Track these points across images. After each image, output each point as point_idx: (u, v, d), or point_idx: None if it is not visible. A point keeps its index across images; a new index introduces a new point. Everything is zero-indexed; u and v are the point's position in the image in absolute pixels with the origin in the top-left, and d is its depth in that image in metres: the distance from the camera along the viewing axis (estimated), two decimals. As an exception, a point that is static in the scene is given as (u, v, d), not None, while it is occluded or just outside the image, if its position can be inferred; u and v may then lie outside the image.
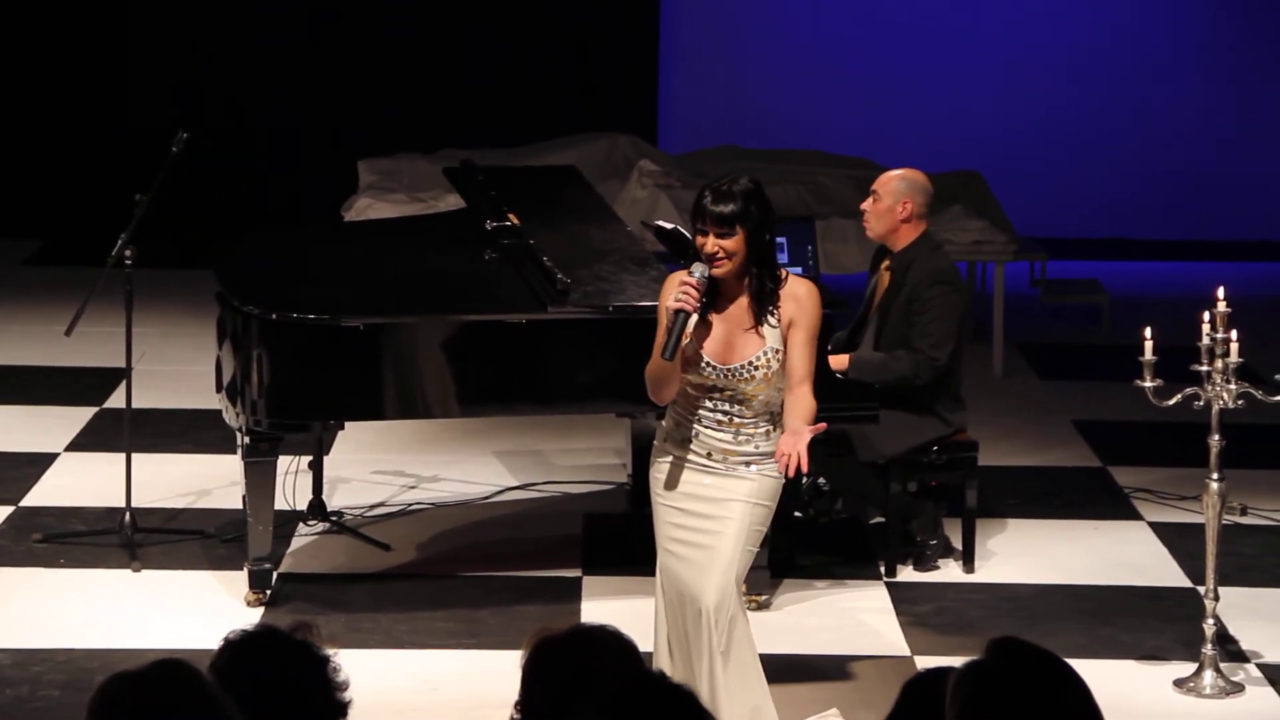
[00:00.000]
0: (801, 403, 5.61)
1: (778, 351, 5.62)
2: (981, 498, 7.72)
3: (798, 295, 5.67)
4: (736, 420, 5.64)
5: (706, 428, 5.66)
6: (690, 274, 5.59)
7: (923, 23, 13.25)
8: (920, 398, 7.47)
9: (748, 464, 5.67)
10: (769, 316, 5.62)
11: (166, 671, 3.30)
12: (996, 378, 10.37)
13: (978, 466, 7.63)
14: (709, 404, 5.65)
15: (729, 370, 5.61)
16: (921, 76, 13.23)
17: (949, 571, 7.65)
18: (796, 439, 5.51)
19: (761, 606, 7.14)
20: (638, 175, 11.17)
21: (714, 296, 5.65)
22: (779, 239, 7.97)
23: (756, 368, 5.61)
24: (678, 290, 5.55)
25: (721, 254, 5.59)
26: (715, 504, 5.66)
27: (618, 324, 6.98)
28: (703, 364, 5.61)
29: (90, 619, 7.02)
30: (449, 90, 13.01)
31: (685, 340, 5.59)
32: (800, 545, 7.63)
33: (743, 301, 5.64)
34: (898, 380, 7.37)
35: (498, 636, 6.94)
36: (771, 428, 5.68)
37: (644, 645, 4.01)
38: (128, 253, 7.54)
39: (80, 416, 9.23)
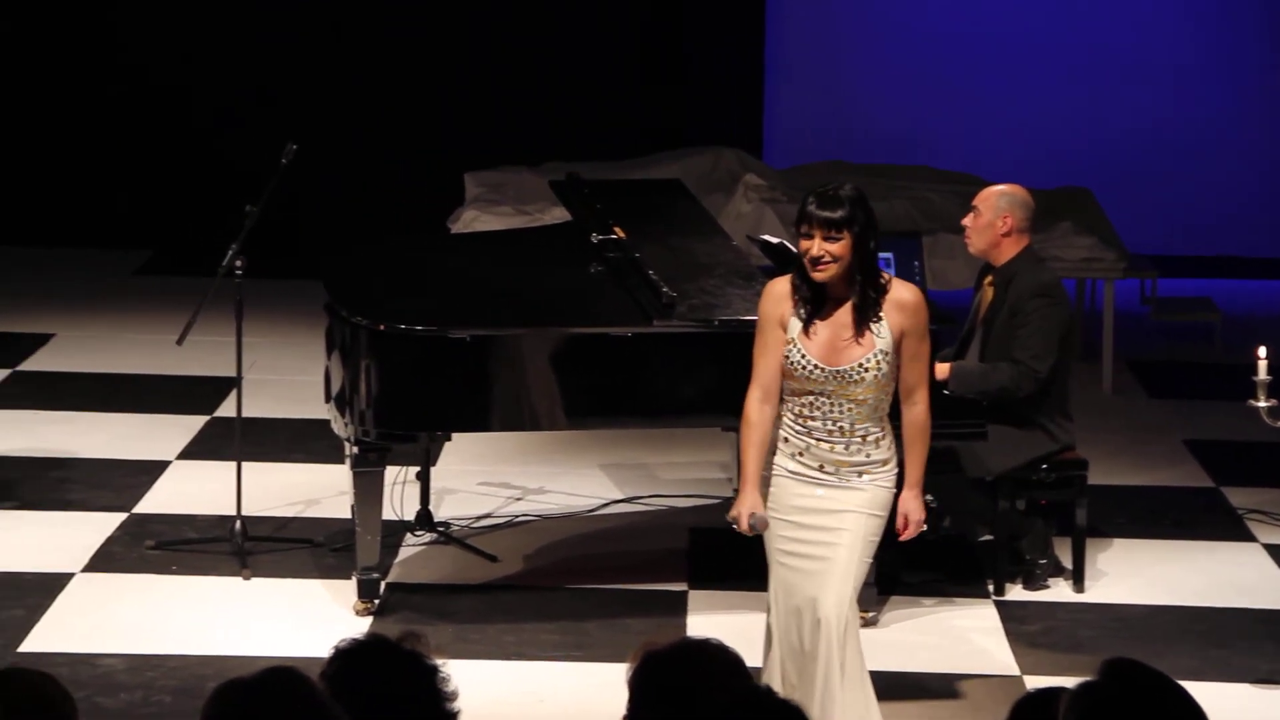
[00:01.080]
0: (918, 420, 5.70)
1: (887, 354, 5.62)
2: (1091, 516, 7.65)
3: (905, 303, 5.67)
4: (846, 430, 5.63)
5: (817, 440, 5.65)
6: (749, 527, 5.69)
7: (1029, 37, 13.17)
8: (1027, 413, 7.43)
9: (860, 474, 5.66)
10: (874, 321, 5.62)
11: (279, 679, 3.34)
12: (1106, 396, 10.28)
13: (1087, 485, 7.57)
14: (818, 413, 5.64)
15: (837, 373, 5.60)
16: (1029, 91, 13.15)
17: (1058, 591, 7.59)
18: (918, 507, 5.74)
19: (868, 623, 7.10)
20: (743, 189, 11.16)
21: (819, 301, 5.65)
22: (886, 254, 7.97)
23: (866, 369, 5.60)
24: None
25: (827, 257, 5.59)
26: (829, 515, 5.66)
27: (723, 338, 6.98)
28: (811, 367, 5.60)
29: (201, 625, 7.09)
30: (555, 103, 13.05)
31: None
32: (907, 562, 7.59)
33: (848, 306, 5.65)
34: (998, 391, 7.33)
35: (604, 649, 6.94)
36: (881, 435, 5.67)
37: (750, 660, 4.00)
38: (238, 263, 7.61)
39: (192, 425, 9.32)
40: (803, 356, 5.61)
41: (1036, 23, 13.21)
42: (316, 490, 8.42)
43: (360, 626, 6.99)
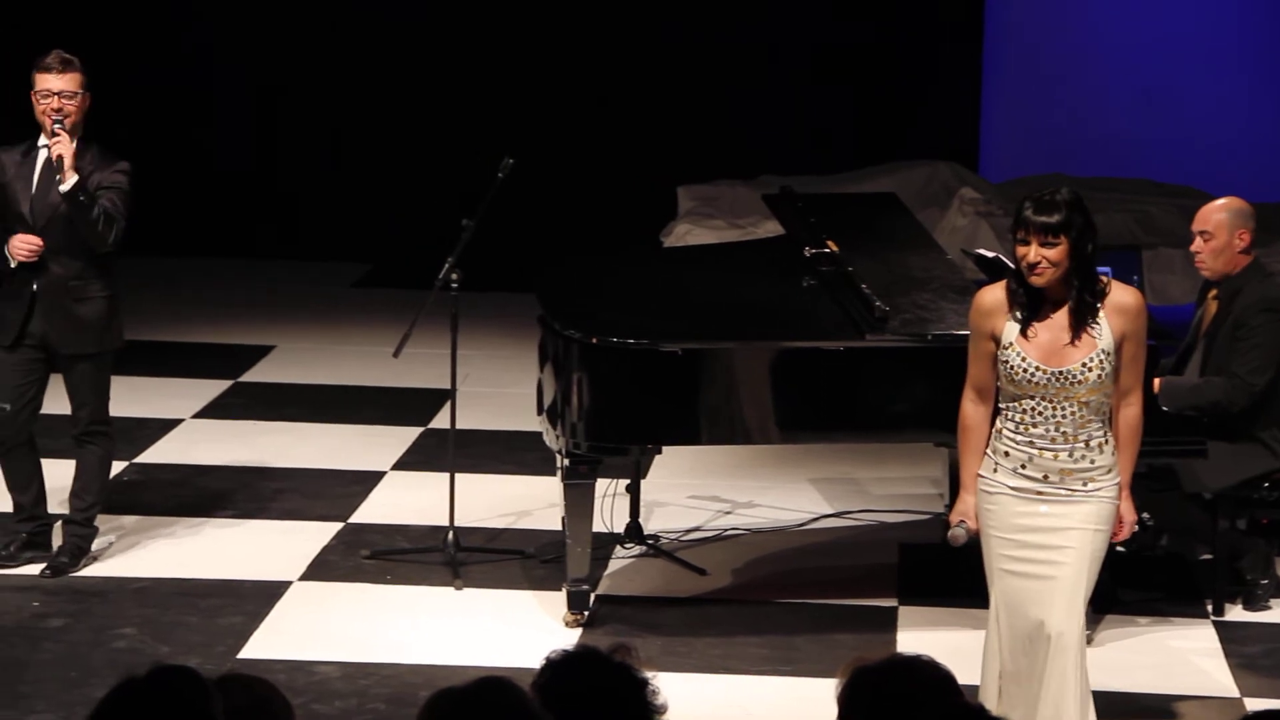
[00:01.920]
0: (1132, 421, 5.67)
1: (1109, 354, 5.57)
2: (1314, 537, 7.48)
3: (1126, 306, 5.62)
4: (1070, 435, 5.56)
5: (1040, 449, 5.59)
6: (955, 535, 5.70)
7: (1248, 48, 12.91)
8: (1247, 429, 7.28)
9: (1085, 483, 5.59)
10: (1094, 323, 5.56)
11: (492, 689, 3.36)
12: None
13: (1311, 504, 7.40)
14: (1040, 419, 5.57)
15: (1059, 374, 5.55)
16: (1249, 101, 12.89)
17: (1280, 612, 7.43)
18: (1129, 509, 5.71)
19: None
20: (958, 203, 11.08)
21: (1037, 304, 5.61)
22: (1104, 269, 7.83)
23: (1089, 369, 5.55)
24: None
25: (1044, 263, 5.54)
26: (1053, 534, 5.60)
27: (937, 353, 6.92)
28: (1032, 369, 5.55)
29: (413, 634, 7.17)
30: (769, 117, 13.05)
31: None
32: (1123, 580, 7.46)
33: (1065, 309, 5.60)
34: (1210, 406, 7.19)
35: (813, 664, 6.91)
36: (1104, 439, 5.61)
37: (962, 678, 3.96)
38: (454, 276, 7.70)
39: (407, 436, 9.44)
40: (1022, 360, 5.55)
41: (1257, 32, 12.94)
42: (528, 502, 8.49)
43: (570, 638, 7.03)
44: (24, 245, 7.44)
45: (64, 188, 7.34)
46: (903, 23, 13.01)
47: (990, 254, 7.80)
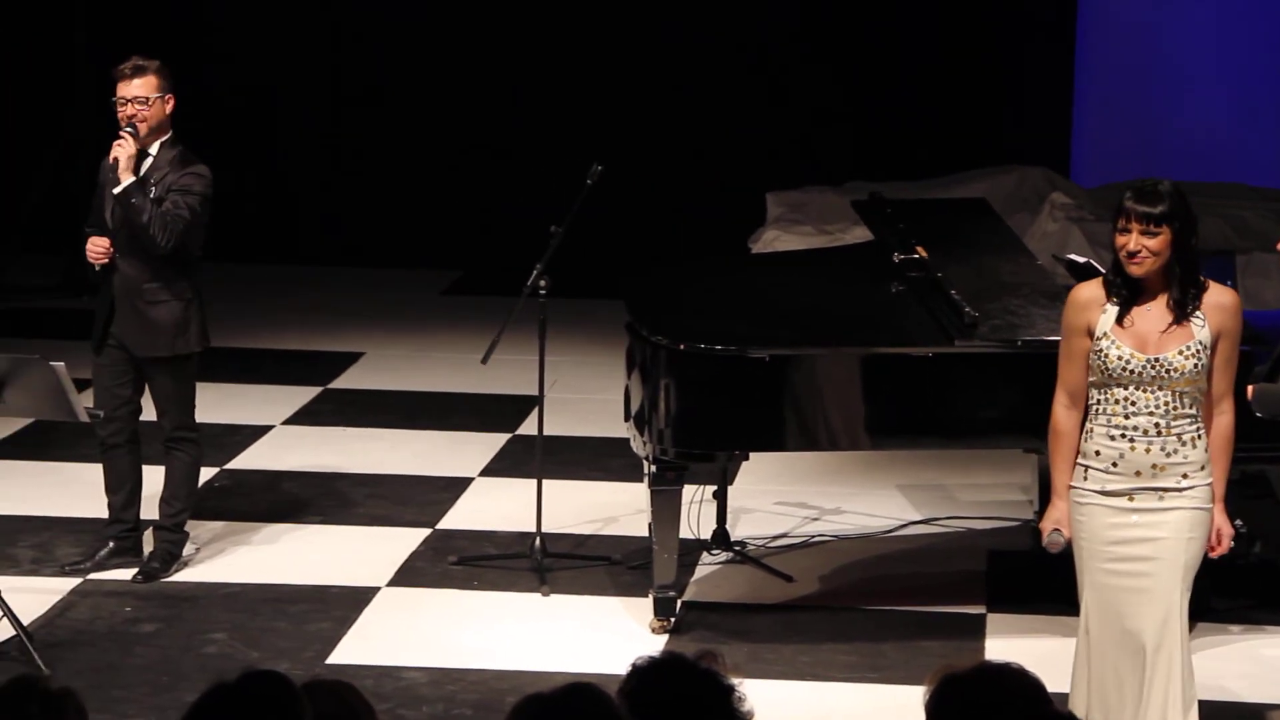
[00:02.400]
0: (1225, 429, 5.62)
1: (1205, 347, 5.52)
2: None
3: (1225, 305, 5.58)
4: (1163, 426, 5.51)
5: (1132, 442, 5.53)
6: (1050, 543, 5.62)
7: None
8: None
9: (1178, 479, 5.53)
10: (1193, 315, 5.52)
11: (579, 695, 3.37)
12: None
13: (1407, 512, 7.30)
14: (1134, 409, 5.51)
15: (1155, 360, 5.50)
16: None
17: (1374, 620, 7.33)
18: (1225, 521, 5.63)
19: (1173, 651, 6.94)
20: (1049, 208, 11.01)
21: (1135, 295, 5.56)
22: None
23: (1185, 357, 5.50)
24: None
25: (1144, 252, 5.50)
26: (1146, 544, 5.54)
27: (1027, 359, 6.87)
28: (1128, 357, 5.49)
29: (500, 640, 7.19)
30: (859, 122, 13.01)
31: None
32: (1215, 588, 7.38)
33: (1163, 300, 5.55)
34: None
35: (900, 671, 6.88)
36: (1197, 434, 5.55)
37: (1051, 686, 3.92)
38: (542, 283, 7.71)
39: (494, 442, 9.47)
40: (1118, 349, 5.51)
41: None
42: (615, 508, 8.49)
43: (657, 644, 7.02)
44: (94, 247, 7.52)
45: (117, 190, 7.42)
46: (994, 25, 12.94)
47: (1081, 259, 7.74)
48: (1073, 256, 7.99)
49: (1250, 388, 7.11)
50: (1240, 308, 5.64)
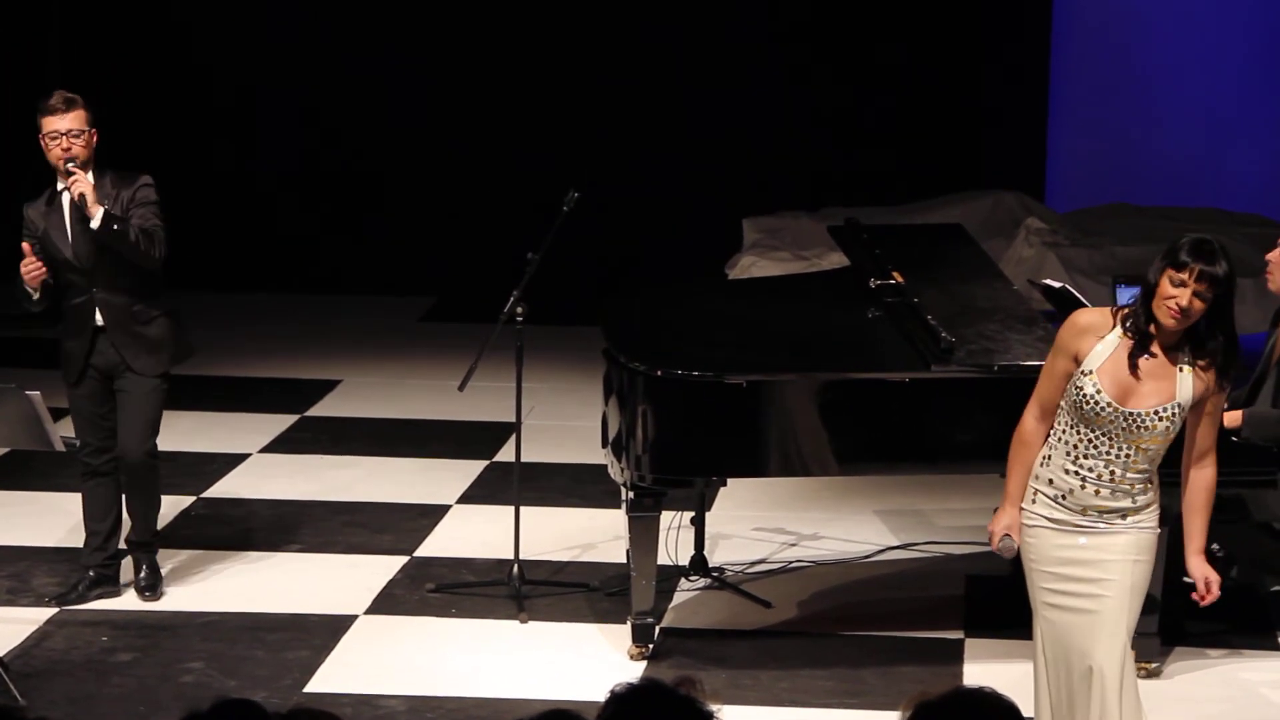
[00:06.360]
0: (1208, 483, 5.60)
1: (1183, 409, 5.47)
2: (1386, 567, 7.41)
3: (1219, 366, 5.51)
4: (1118, 476, 5.49)
5: (1084, 482, 5.51)
6: (1000, 548, 5.64)
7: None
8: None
9: (1123, 516, 5.53)
10: (1179, 375, 5.45)
11: (554, 722, 3.35)
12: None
13: (1383, 535, 7.32)
14: (1095, 453, 5.50)
15: (1129, 415, 5.46)
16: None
17: (1351, 644, 7.35)
18: (1211, 569, 5.61)
19: (1151, 674, 6.95)
20: (1024, 233, 11.05)
21: (1148, 339, 5.47)
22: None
23: (1161, 419, 5.46)
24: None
25: (1194, 310, 5.39)
26: (1093, 566, 5.54)
27: (1003, 384, 6.88)
28: (1104, 404, 5.48)
29: (478, 668, 7.18)
30: (835, 148, 13.04)
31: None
32: (1191, 612, 7.40)
33: (1162, 353, 5.46)
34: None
35: (879, 697, 6.88)
36: (1147, 484, 5.54)
37: (1027, 710, 3.93)
38: (519, 309, 7.72)
39: (472, 469, 9.46)
40: (1097, 391, 5.45)
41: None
42: (593, 534, 8.49)
43: (635, 671, 7.02)
44: (26, 266, 7.40)
45: (95, 224, 7.39)
46: (969, 51, 12.99)
47: (1057, 284, 7.76)
48: (1048, 281, 8.01)
49: (1240, 413, 7.14)
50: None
